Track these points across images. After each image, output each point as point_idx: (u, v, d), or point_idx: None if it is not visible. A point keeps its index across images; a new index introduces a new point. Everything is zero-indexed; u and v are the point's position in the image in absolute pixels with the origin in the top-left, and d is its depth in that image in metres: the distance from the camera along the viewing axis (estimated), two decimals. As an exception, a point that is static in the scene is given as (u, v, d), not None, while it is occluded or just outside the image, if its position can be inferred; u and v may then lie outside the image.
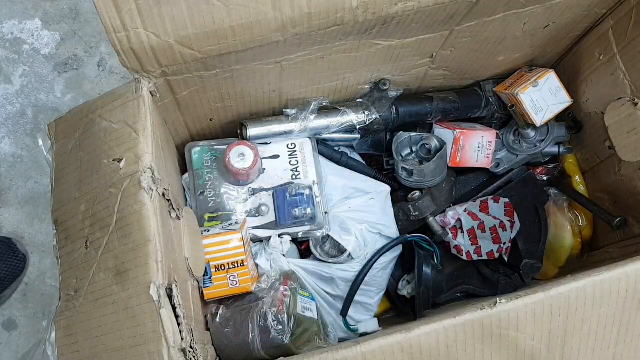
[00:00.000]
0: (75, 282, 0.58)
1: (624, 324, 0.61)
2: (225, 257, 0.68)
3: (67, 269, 0.59)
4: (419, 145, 0.85)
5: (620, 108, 0.78)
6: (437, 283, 0.78)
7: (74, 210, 0.61)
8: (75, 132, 0.65)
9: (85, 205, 0.60)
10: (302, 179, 0.78)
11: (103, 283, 0.56)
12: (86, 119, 0.64)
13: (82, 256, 0.58)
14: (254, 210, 0.77)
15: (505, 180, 0.88)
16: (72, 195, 0.62)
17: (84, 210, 0.60)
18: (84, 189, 0.61)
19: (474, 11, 0.66)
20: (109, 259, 0.56)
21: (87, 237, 0.59)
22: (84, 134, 0.64)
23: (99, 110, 0.64)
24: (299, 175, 0.79)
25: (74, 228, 0.61)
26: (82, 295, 0.58)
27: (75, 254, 0.59)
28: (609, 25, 0.79)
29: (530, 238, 0.84)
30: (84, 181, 0.61)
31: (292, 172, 0.79)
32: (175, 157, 0.77)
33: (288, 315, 0.65)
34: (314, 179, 0.79)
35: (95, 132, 0.63)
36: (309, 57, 0.67)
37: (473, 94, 0.88)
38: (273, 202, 0.77)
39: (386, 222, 0.80)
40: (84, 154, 0.63)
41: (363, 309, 0.82)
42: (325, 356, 0.56)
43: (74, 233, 0.61)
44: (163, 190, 0.59)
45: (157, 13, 0.54)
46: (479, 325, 0.57)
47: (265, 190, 0.78)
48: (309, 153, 0.80)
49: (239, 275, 0.68)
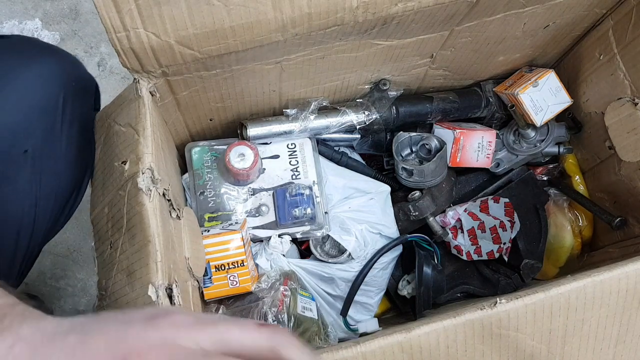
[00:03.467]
0: (104, 282, 0.60)
1: (624, 324, 0.61)
2: (226, 257, 0.68)
3: (101, 269, 0.61)
4: (419, 145, 0.85)
5: (620, 108, 0.78)
6: (437, 283, 0.78)
7: (101, 212, 0.63)
8: (101, 137, 0.67)
9: (107, 208, 0.62)
10: (302, 179, 0.78)
11: (120, 283, 0.57)
12: (106, 124, 0.67)
13: (108, 257, 0.60)
14: (254, 210, 0.77)
15: (505, 180, 0.88)
16: (99, 198, 0.64)
17: (107, 213, 0.62)
18: (105, 192, 0.63)
19: (474, 11, 0.66)
20: (123, 259, 0.57)
21: (109, 239, 0.61)
22: (105, 138, 0.66)
23: (112, 114, 0.66)
24: (299, 175, 0.79)
25: (102, 230, 0.63)
26: (108, 294, 0.59)
27: (105, 254, 0.61)
28: (609, 25, 0.79)
29: (530, 238, 0.84)
30: (105, 184, 0.63)
31: (292, 172, 0.79)
32: (175, 157, 0.77)
33: (288, 315, 0.65)
34: (314, 179, 0.78)
35: (111, 135, 0.65)
36: (309, 57, 0.67)
37: (473, 94, 0.88)
38: (273, 202, 0.77)
39: (386, 222, 0.80)
40: (105, 158, 0.65)
41: (363, 309, 0.82)
42: (325, 356, 0.56)
43: (102, 235, 0.63)
44: (163, 191, 0.59)
45: (157, 13, 0.54)
46: (479, 325, 0.57)
47: (265, 190, 0.78)
48: (309, 153, 0.80)
49: (239, 275, 0.68)
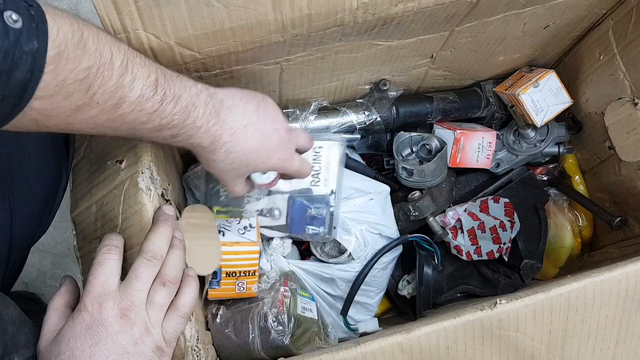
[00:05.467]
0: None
1: (624, 324, 0.61)
2: (239, 266, 0.67)
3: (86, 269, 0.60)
4: (420, 146, 0.85)
5: (620, 108, 0.78)
6: (438, 283, 0.78)
7: (87, 211, 0.62)
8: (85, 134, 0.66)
9: (95, 206, 0.61)
10: (321, 187, 0.76)
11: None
12: None
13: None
14: (266, 210, 0.75)
15: (505, 180, 0.88)
16: (85, 197, 0.63)
17: (95, 212, 0.61)
18: (93, 191, 0.62)
19: (474, 11, 0.66)
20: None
21: (98, 237, 0.60)
22: (93, 136, 0.65)
23: None
24: (319, 182, 0.76)
25: (89, 229, 0.62)
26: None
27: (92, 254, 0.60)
28: (609, 25, 0.79)
29: (530, 238, 0.84)
30: (93, 182, 0.63)
31: (312, 179, 0.76)
32: (175, 157, 0.77)
33: (288, 315, 0.65)
34: (333, 188, 0.76)
35: None
36: (308, 57, 0.67)
37: (473, 94, 0.88)
38: (287, 207, 0.75)
39: (386, 222, 0.80)
40: (93, 156, 0.64)
41: (363, 309, 0.82)
42: (325, 356, 0.56)
43: (89, 234, 0.62)
44: (162, 190, 0.59)
45: (157, 14, 0.54)
46: (479, 325, 0.57)
47: (282, 193, 0.75)
48: (334, 160, 0.76)
49: (248, 283, 0.68)
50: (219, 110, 0.53)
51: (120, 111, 0.45)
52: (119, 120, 0.46)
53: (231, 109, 0.54)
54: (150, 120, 0.48)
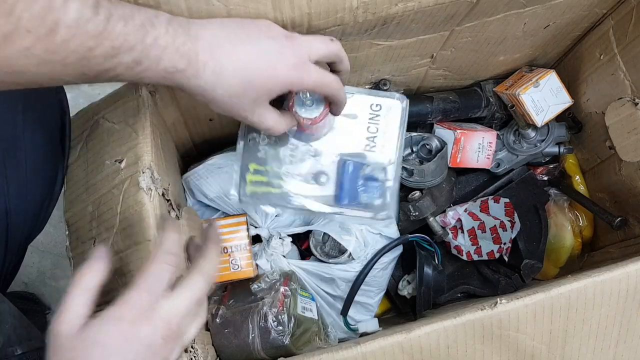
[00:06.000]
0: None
1: (625, 324, 0.61)
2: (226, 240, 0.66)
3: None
4: (420, 145, 0.85)
5: (621, 108, 0.78)
6: (438, 283, 0.78)
7: (82, 211, 0.62)
8: (83, 134, 0.66)
9: (92, 206, 0.61)
10: (377, 153, 0.63)
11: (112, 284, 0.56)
12: (91, 121, 0.65)
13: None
14: (311, 176, 0.63)
15: (505, 180, 0.88)
16: (80, 196, 0.63)
17: (91, 211, 0.61)
18: (90, 190, 0.62)
19: (474, 11, 0.66)
20: (115, 260, 0.56)
21: (94, 238, 0.60)
22: (90, 135, 0.65)
23: (102, 111, 0.65)
24: (374, 148, 0.63)
25: (83, 229, 0.61)
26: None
27: (86, 254, 0.59)
28: (609, 25, 0.79)
29: (530, 238, 0.84)
30: (90, 182, 0.62)
31: (368, 142, 0.63)
32: (175, 157, 0.77)
33: (288, 315, 0.65)
34: (391, 157, 0.63)
35: (99, 133, 0.64)
36: (309, 57, 0.67)
37: (473, 94, 0.88)
38: (336, 173, 0.63)
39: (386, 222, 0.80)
40: (90, 155, 0.64)
41: (363, 309, 0.82)
42: (325, 356, 0.56)
43: (83, 234, 0.61)
44: (162, 190, 0.59)
45: (156, 13, 0.53)
46: (479, 325, 0.57)
47: (331, 155, 0.63)
48: (395, 122, 0.64)
49: (241, 259, 0.66)
50: (188, 28, 0.47)
51: (59, 37, 0.40)
52: (62, 49, 0.41)
53: (206, 25, 0.48)
54: (99, 45, 0.42)
